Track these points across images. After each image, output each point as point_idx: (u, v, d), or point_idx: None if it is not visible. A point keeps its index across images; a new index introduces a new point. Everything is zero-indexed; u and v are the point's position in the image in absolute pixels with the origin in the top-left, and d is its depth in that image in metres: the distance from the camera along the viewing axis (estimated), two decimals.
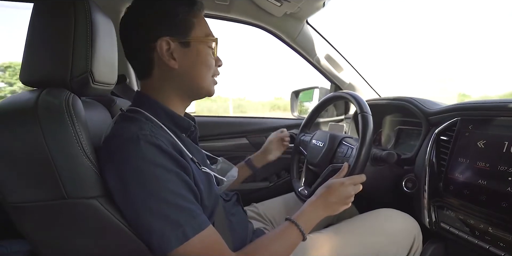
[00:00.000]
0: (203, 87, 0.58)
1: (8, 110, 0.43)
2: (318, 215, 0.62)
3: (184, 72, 0.55)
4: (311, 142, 0.88)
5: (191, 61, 0.55)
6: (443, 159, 0.72)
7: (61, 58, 0.48)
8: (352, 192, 0.63)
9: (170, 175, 0.46)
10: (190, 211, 0.46)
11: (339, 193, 0.62)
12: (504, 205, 0.57)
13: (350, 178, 0.65)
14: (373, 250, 0.68)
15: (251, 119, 1.31)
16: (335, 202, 0.62)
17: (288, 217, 0.60)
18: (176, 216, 0.45)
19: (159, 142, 0.47)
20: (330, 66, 1.22)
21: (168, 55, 0.53)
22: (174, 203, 0.45)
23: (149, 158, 0.45)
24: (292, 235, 0.57)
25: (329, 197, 0.62)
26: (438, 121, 0.79)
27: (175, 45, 0.53)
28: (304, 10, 1.04)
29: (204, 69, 0.57)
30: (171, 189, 0.45)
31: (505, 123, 0.62)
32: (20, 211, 0.44)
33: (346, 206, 0.64)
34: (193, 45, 0.55)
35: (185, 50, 0.54)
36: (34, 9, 0.49)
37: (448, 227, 0.69)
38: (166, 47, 0.52)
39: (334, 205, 0.63)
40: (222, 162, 0.76)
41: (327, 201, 0.62)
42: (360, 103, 0.72)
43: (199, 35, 0.55)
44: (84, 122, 0.46)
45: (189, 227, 0.45)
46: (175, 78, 0.56)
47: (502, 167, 0.59)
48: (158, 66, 0.55)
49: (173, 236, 0.44)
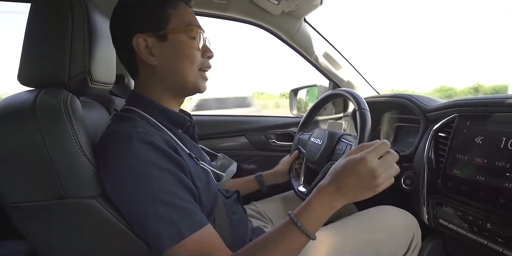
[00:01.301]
0: (187, 82, 0.55)
1: (6, 110, 0.43)
2: (331, 207, 0.48)
3: (166, 67, 0.54)
4: (309, 140, 0.88)
5: (170, 55, 0.53)
6: (442, 155, 0.72)
7: (59, 58, 0.48)
8: (380, 171, 0.45)
9: (164, 173, 0.45)
10: (186, 210, 0.45)
11: (361, 178, 0.46)
12: (502, 201, 0.57)
13: (371, 150, 0.47)
14: (373, 247, 0.68)
15: (250, 118, 1.31)
16: (357, 191, 0.47)
17: (289, 213, 0.49)
18: (170, 215, 0.44)
19: (153, 140, 0.46)
20: (328, 64, 1.22)
21: (146, 52, 0.52)
22: (168, 202, 0.44)
23: (142, 156, 0.45)
24: (294, 237, 0.47)
25: (350, 185, 0.47)
26: (436, 118, 0.79)
27: (152, 41, 0.52)
28: (301, 8, 1.04)
29: (185, 62, 0.54)
30: (165, 188, 0.45)
31: (503, 119, 0.62)
32: (19, 211, 0.44)
33: (375, 192, 0.47)
34: (170, 37, 0.52)
35: (163, 44, 0.52)
36: (31, 9, 0.49)
37: (447, 224, 0.69)
38: (144, 44, 0.52)
39: (355, 194, 0.47)
40: (222, 158, 0.77)
41: (344, 190, 0.47)
42: (358, 100, 0.73)
43: (177, 26, 0.53)
44: (82, 121, 0.46)
45: (184, 226, 0.44)
46: (158, 74, 0.54)
47: (500, 163, 0.59)
48: (140, 64, 0.55)
49: (168, 235, 0.43)
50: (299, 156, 0.95)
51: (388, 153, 0.48)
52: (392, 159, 0.48)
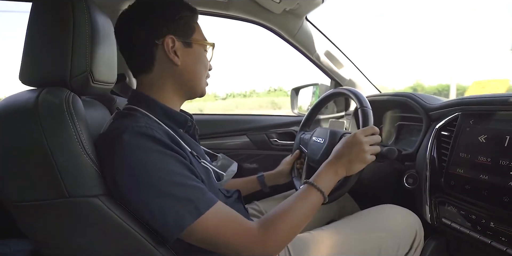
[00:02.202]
0: (198, 86, 0.62)
1: (9, 110, 0.43)
2: (337, 174, 0.61)
3: (185, 70, 0.58)
4: (311, 140, 0.88)
5: (192, 60, 0.59)
6: (444, 154, 0.72)
7: (61, 57, 0.48)
8: (365, 146, 0.61)
9: (170, 159, 0.48)
10: (198, 188, 0.48)
11: (352, 148, 0.61)
12: (506, 200, 0.57)
13: (361, 129, 0.64)
14: (375, 246, 0.68)
15: (251, 117, 1.31)
16: (351, 160, 0.61)
17: (306, 180, 0.59)
18: (185, 194, 0.46)
19: (155, 133, 0.48)
20: (330, 63, 1.22)
21: (172, 52, 0.56)
22: (180, 183, 0.46)
23: (146, 147, 0.46)
24: (312, 196, 0.57)
25: (344, 154, 0.61)
26: (438, 116, 0.79)
27: (179, 44, 0.57)
28: (303, 7, 1.04)
29: (202, 69, 0.61)
30: (174, 171, 0.47)
31: (506, 117, 0.62)
32: (22, 210, 0.44)
33: (364, 164, 0.61)
34: (194, 46, 0.59)
35: (187, 50, 0.58)
36: (32, 8, 0.49)
37: (450, 223, 0.69)
38: (171, 44, 0.56)
39: (350, 163, 0.61)
40: (222, 158, 0.77)
41: (342, 159, 0.61)
42: (359, 98, 0.72)
43: (199, 38, 0.60)
44: (84, 121, 0.46)
45: (200, 203, 0.46)
46: (175, 74, 0.58)
47: (504, 161, 0.59)
48: (160, 62, 0.57)
49: (187, 213, 0.45)
50: (301, 155, 0.95)
51: (373, 134, 0.64)
52: (376, 139, 0.63)
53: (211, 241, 0.48)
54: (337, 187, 0.64)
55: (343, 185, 0.65)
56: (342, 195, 0.66)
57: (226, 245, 0.48)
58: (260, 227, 0.51)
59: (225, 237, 0.47)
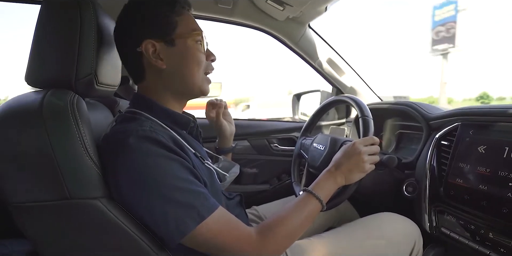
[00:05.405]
0: (194, 84, 0.57)
1: (13, 111, 0.44)
2: (336, 183, 0.60)
3: (173, 71, 0.55)
4: (312, 146, 0.88)
5: (178, 58, 0.55)
6: (444, 163, 0.72)
7: (67, 59, 0.49)
8: (365, 155, 0.61)
9: (173, 163, 0.47)
10: (201, 193, 0.48)
11: (351, 157, 0.60)
12: (504, 211, 0.57)
13: (361, 139, 0.64)
14: (374, 254, 0.68)
15: (252, 122, 1.32)
16: (350, 169, 0.60)
17: (305, 188, 0.59)
18: (188, 199, 0.46)
19: (159, 137, 0.48)
20: (331, 70, 1.23)
21: (155, 56, 0.53)
22: (183, 188, 0.46)
23: (151, 151, 0.46)
24: (310, 204, 0.56)
25: (343, 163, 0.61)
26: (439, 126, 0.79)
27: (160, 46, 0.53)
28: (306, 15, 1.05)
29: (193, 65, 0.56)
30: (177, 175, 0.47)
31: (506, 128, 0.62)
32: (23, 211, 0.44)
33: (363, 173, 0.61)
34: (178, 42, 0.54)
35: (171, 49, 0.54)
36: (40, 10, 0.50)
37: (449, 232, 0.69)
38: (152, 49, 0.53)
39: (349, 172, 0.60)
40: (223, 160, 0.77)
41: (342, 168, 0.60)
42: (361, 107, 0.73)
43: (183, 32, 0.55)
44: (88, 123, 0.47)
45: (203, 208, 0.46)
46: (166, 78, 0.56)
47: (503, 172, 0.59)
48: (148, 69, 0.56)
49: (189, 218, 0.45)
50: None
51: (373, 144, 0.64)
52: (375, 150, 0.63)
53: (210, 246, 0.48)
54: (335, 195, 0.64)
55: (342, 193, 0.65)
56: (340, 203, 0.66)
57: (225, 250, 0.48)
58: (259, 233, 0.51)
59: (224, 243, 0.47)
